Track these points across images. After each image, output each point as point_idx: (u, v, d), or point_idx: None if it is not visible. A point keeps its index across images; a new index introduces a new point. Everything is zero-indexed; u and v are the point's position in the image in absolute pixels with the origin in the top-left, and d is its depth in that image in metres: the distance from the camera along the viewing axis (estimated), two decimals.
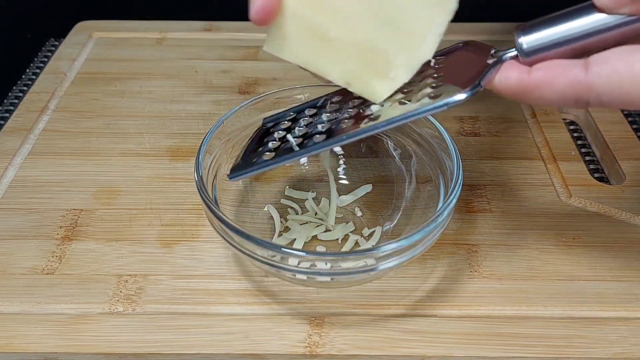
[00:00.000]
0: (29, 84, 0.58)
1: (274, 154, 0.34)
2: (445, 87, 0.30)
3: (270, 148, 0.34)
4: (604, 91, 0.27)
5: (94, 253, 0.40)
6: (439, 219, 0.34)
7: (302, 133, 0.34)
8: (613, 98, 0.27)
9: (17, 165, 0.48)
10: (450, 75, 0.31)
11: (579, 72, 0.27)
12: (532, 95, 0.28)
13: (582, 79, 0.27)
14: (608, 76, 0.27)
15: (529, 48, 0.29)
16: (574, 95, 0.27)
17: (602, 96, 0.27)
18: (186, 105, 0.54)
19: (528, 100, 0.29)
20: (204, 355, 0.35)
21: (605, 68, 0.27)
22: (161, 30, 0.65)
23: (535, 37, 0.28)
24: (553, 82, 0.28)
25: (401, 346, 0.35)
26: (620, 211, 0.43)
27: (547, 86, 0.28)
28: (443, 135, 0.39)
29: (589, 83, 0.27)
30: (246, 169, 0.34)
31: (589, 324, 0.36)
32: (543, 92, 0.28)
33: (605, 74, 0.27)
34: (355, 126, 0.32)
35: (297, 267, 0.33)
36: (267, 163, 0.33)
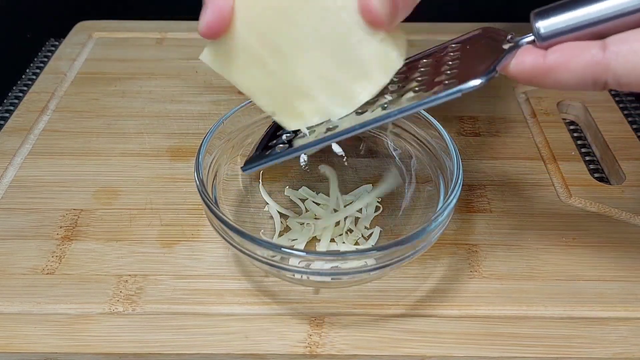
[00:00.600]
0: (29, 84, 0.58)
1: (288, 145, 0.34)
2: (461, 73, 0.30)
3: (284, 140, 0.34)
4: (623, 72, 0.26)
5: (94, 253, 0.40)
6: (439, 219, 0.34)
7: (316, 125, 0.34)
8: (632, 79, 0.26)
9: (17, 165, 0.48)
10: (465, 62, 0.31)
11: (597, 52, 0.27)
12: (549, 79, 0.28)
13: (600, 59, 0.26)
14: (626, 56, 0.26)
15: (547, 33, 0.28)
16: (592, 76, 0.27)
17: (620, 77, 0.26)
18: (186, 105, 0.54)
19: (544, 84, 0.28)
20: (204, 355, 0.35)
21: (624, 48, 0.26)
22: (161, 30, 0.65)
23: (553, 21, 0.28)
24: (569, 63, 0.27)
25: (401, 346, 0.35)
26: (620, 211, 0.43)
27: (563, 68, 0.27)
28: (443, 135, 0.39)
29: (606, 63, 0.26)
30: (260, 161, 0.34)
31: (589, 324, 0.36)
32: (559, 74, 0.27)
33: (623, 54, 0.26)
34: (369, 115, 0.31)
35: (297, 267, 0.33)
36: (280, 154, 0.33)
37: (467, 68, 0.30)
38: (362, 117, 0.32)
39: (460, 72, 0.30)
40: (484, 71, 0.29)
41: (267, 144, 0.35)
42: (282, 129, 0.35)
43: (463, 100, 0.56)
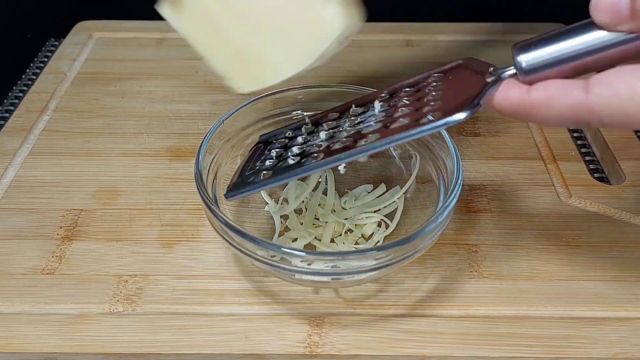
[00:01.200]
0: (29, 84, 0.58)
1: (271, 172, 0.34)
2: (445, 105, 0.30)
3: (268, 167, 0.35)
4: (605, 113, 0.26)
5: (94, 253, 0.40)
6: (439, 219, 0.34)
7: (300, 151, 0.34)
8: (614, 120, 0.27)
9: (17, 165, 0.48)
10: (449, 94, 0.31)
11: (580, 94, 0.27)
12: (532, 115, 0.28)
13: (583, 100, 0.27)
14: (609, 98, 0.26)
15: (528, 66, 0.28)
16: (574, 116, 0.27)
17: (603, 118, 0.27)
18: (186, 105, 0.54)
19: (528, 120, 0.29)
20: (204, 355, 0.35)
21: (606, 90, 0.26)
22: (161, 30, 0.65)
23: (534, 55, 0.28)
24: (553, 103, 0.27)
25: (401, 346, 0.35)
26: (620, 211, 0.43)
27: (546, 107, 0.28)
28: (443, 135, 0.39)
29: (589, 105, 0.27)
30: (243, 188, 0.34)
31: (589, 324, 0.36)
32: (543, 112, 0.28)
33: (606, 96, 0.26)
34: (354, 145, 0.32)
35: (297, 267, 0.33)
36: (264, 183, 0.34)
37: (450, 100, 0.30)
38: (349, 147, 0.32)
39: (445, 103, 0.30)
40: (469, 105, 0.29)
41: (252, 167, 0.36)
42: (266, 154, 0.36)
43: None
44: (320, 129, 0.35)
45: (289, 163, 0.34)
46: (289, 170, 0.33)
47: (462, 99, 0.29)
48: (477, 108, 0.29)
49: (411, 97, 0.33)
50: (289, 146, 0.36)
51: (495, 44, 0.58)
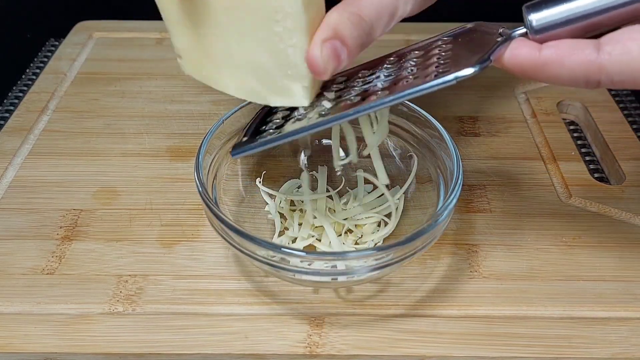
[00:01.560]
0: (29, 84, 0.58)
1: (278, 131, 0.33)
2: (454, 63, 0.30)
3: (273, 126, 0.34)
4: (615, 71, 0.27)
5: (94, 253, 0.40)
6: (439, 219, 0.34)
7: (306, 111, 0.33)
8: (624, 78, 0.27)
9: (17, 165, 0.48)
10: (458, 53, 0.31)
11: (591, 52, 0.27)
12: (542, 73, 0.28)
13: (594, 59, 0.27)
14: (619, 56, 0.26)
15: (539, 25, 0.28)
16: (585, 75, 0.27)
17: (613, 76, 0.27)
18: (186, 105, 0.54)
19: (538, 78, 0.29)
20: (204, 355, 0.35)
21: (617, 48, 0.27)
22: (161, 30, 0.65)
23: (546, 14, 0.28)
24: (564, 60, 0.27)
25: (401, 346, 0.35)
26: (620, 211, 0.43)
27: (557, 64, 0.28)
28: (443, 135, 0.39)
29: (600, 63, 0.27)
30: (249, 145, 0.34)
31: (589, 324, 0.36)
32: (553, 70, 0.28)
33: (616, 54, 0.27)
34: (361, 103, 0.31)
35: (297, 267, 0.33)
36: (271, 139, 0.33)
37: (460, 58, 0.30)
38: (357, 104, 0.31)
39: (454, 61, 0.30)
40: (478, 60, 0.29)
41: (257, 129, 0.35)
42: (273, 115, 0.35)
43: (463, 100, 0.56)
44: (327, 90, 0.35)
45: (297, 121, 0.33)
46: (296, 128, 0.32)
47: (472, 57, 0.29)
48: (486, 63, 0.28)
49: (420, 59, 0.33)
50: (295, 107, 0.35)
51: None
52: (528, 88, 0.56)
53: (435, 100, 0.54)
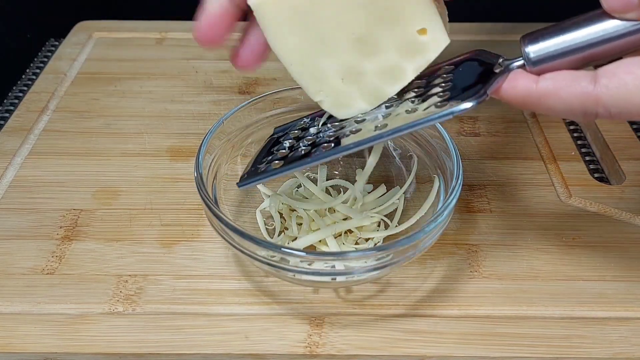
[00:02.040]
0: (29, 84, 0.58)
1: (283, 162, 0.34)
2: (452, 95, 0.30)
3: (279, 157, 0.35)
4: (612, 104, 0.27)
5: (94, 253, 0.40)
6: (439, 219, 0.34)
7: (310, 142, 0.35)
8: (622, 110, 0.27)
9: (17, 165, 0.48)
10: (457, 84, 0.31)
11: (587, 84, 0.27)
12: (539, 105, 0.28)
13: (591, 91, 0.27)
14: (616, 89, 0.26)
15: (536, 57, 0.28)
16: (582, 107, 0.27)
17: (610, 109, 0.27)
18: (186, 105, 0.54)
19: (535, 110, 0.29)
20: (204, 355, 0.35)
21: (614, 81, 0.27)
22: (161, 30, 0.65)
23: (543, 46, 0.28)
24: (560, 93, 0.28)
25: (401, 346, 0.35)
26: (620, 211, 0.43)
27: (554, 97, 0.28)
28: (443, 135, 0.39)
29: (597, 96, 0.27)
30: (255, 177, 0.35)
31: (589, 324, 0.36)
32: (550, 102, 0.28)
33: (613, 87, 0.27)
34: (363, 135, 0.32)
35: (297, 267, 0.33)
36: (275, 171, 0.34)
37: (458, 90, 0.31)
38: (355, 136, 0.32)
39: (452, 94, 0.31)
40: (475, 94, 0.29)
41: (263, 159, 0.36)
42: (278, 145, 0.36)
43: None
44: (332, 120, 0.36)
45: (300, 153, 0.34)
46: (299, 159, 0.33)
47: (470, 89, 0.30)
48: (483, 98, 0.29)
49: (421, 89, 0.33)
50: (301, 137, 0.36)
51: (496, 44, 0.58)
52: None
53: None
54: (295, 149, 0.35)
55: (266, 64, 0.34)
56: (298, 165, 0.33)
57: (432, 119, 0.30)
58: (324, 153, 0.33)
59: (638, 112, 0.27)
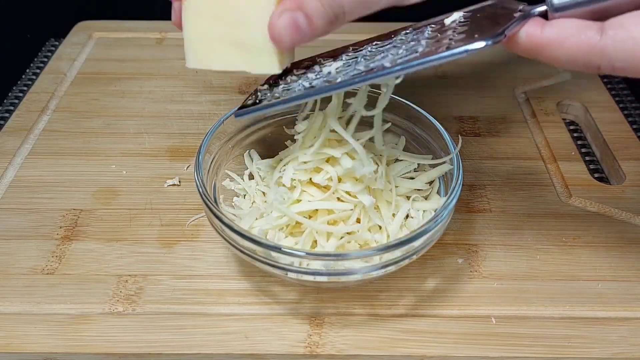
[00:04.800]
0: (29, 84, 0.58)
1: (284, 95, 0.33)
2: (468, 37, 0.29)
3: (280, 91, 0.34)
4: (617, 57, 0.26)
5: (94, 253, 0.40)
6: (439, 219, 0.34)
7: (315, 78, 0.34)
8: (626, 64, 0.26)
9: (17, 165, 0.48)
10: (474, 28, 0.30)
11: (594, 34, 0.26)
12: (543, 53, 0.27)
13: (596, 42, 0.26)
14: (622, 41, 0.25)
15: (560, 3, 0.27)
16: (585, 58, 0.26)
17: (614, 62, 0.26)
18: (186, 105, 0.54)
19: (539, 58, 0.28)
20: (204, 355, 0.35)
21: (621, 32, 0.26)
22: (161, 30, 0.65)
23: None
24: (565, 42, 0.27)
25: (401, 346, 0.35)
26: (620, 211, 0.43)
27: (558, 45, 0.27)
28: (443, 135, 0.39)
29: (602, 47, 0.26)
30: (254, 107, 0.34)
31: (589, 324, 0.36)
32: (553, 51, 0.27)
33: (619, 39, 0.26)
34: (370, 72, 0.31)
35: (297, 267, 0.33)
36: (275, 103, 0.33)
37: (474, 32, 0.30)
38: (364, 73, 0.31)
39: (467, 35, 0.30)
40: (491, 35, 0.28)
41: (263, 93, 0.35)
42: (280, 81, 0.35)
43: (463, 100, 0.56)
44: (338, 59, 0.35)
45: (303, 87, 0.33)
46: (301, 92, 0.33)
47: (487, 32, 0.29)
48: (500, 38, 0.28)
49: (435, 32, 0.32)
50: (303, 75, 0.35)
51: None
52: (528, 88, 0.56)
53: (436, 101, 0.54)
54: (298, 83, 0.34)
55: None
56: (298, 98, 0.32)
57: (444, 56, 0.29)
58: (328, 86, 0.31)
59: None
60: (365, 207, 0.36)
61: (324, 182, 0.36)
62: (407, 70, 0.30)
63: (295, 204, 0.36)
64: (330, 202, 0.36)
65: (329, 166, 0.36)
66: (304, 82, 0.34)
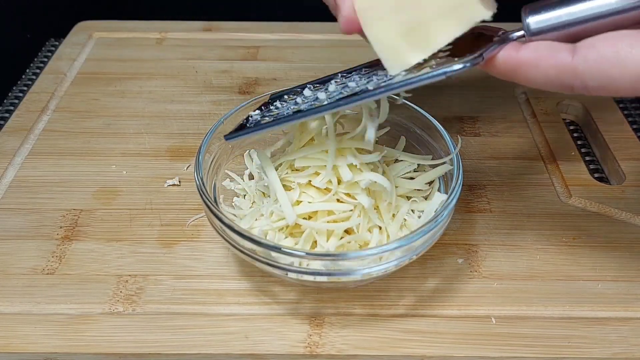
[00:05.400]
0: (29, 84, 0.58)
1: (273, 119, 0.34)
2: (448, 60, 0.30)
3: (270, 115, 0.35)
4: (590, 77, 0.26)
5: (94, 253, 0.40)
6: (439, 219, 0.34)
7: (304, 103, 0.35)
8: (598, 84, 0.26)
9: (17, 165, 0.48)
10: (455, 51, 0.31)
11: (566, 55, 0.27)
12: (519, 75, 0.28)
13: (568, 63, 0.26)
14: (594, 62, 0.26)
15: (536, 28, 0.28)
16: (558, 78, 0.27)
17: (587, 82, 0.26)
18: (186, 105, 0.54)
19: (516, 80, 0.29)
20: (204, 355, 0.35)
21: (592, 53, 0.26)
22: (161, 30, 0.65)
23: (544, 17, 0.28)
24: (539, 63, 0.27)
25: (401, 346, 0.35)
26: (620, 211, 0.43)
27: (532, 66, 0.27)
28: (443, 135, 0.39)
29: (574, 68, 0.26)
30: (243, 131, 0.35)
31: (589, 324, 0.36)
32: (528, 72, 0.28)
33: (591, 59, 0.26)
34: (354, 95, 0.32)
35: (297, 267, 0.33)
36: (264, 125, 0.34)
37: (455, 55, 0.30)
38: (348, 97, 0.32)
39: (448, 58, 0.30)
40: (469, 59, 0.29)
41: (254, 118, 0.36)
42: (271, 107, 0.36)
43: (463, 100, 0.56)
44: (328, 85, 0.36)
45: (291, 111, 0.34)
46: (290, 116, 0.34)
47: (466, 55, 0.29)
48: (478, 61, 0.29)
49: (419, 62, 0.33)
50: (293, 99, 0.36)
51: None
52: (528, 88, 0.56)
53: (436, 101, 0.54)
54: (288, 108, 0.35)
55: (266, 64, 0.34)
56: (286, 120, 0.33)
57: (424, 78, 0.30)
58: (313, 110, 0.33)
59: (616, 88, 0.26)
60: (365, 207, 0.36)
61: (323, 185, 0.36)
62: (388, 92, 0.31)
63: (295, 206, 0.36)
64: (330, 203, 0.36)
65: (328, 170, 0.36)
66: (293, 107, 0.35)
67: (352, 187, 0.36)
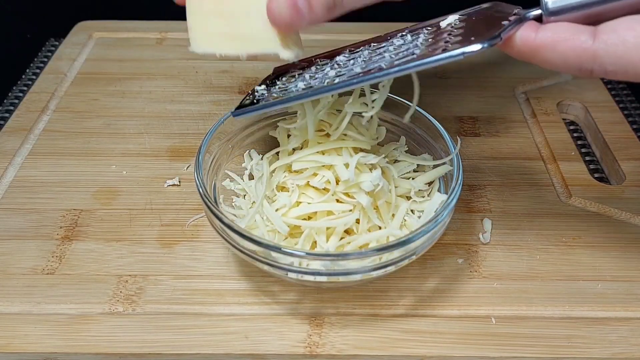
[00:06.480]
0: (29, 84, 0.58)
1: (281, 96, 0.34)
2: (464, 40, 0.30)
3: (277, 91, 0.34)
4: (609, 60, 0.26)
5: (94, 253, 0.40)
6: (439, 219, 0.34)
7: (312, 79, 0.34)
8: (618, 68, 0.26)
9: (17, 165, 0.48)
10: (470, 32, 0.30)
11: (586, 38, 0.26)
12: (537, 56, 0.28)
13: (588, 47, 0.26)
14: (615, 45, 0.26)
15: (555, 7, 0.28)
16: (578, 61, 0.27)
17: (606, 65, 0.26)
18: (186, 105, 0.54)
19: (533, 61, 0.28)
20: (204, 355, 0.35)
21: (613, 37, 0.26)
22: (161, 30, 0.65)
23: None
24: (558, 45, 0.27)
25: (401, 346, 0.35)
26: (620, 211, 0.43)
27: (551, 48, 0.27)
28: (443, 135, 0.39)
29: (594, 51, 0.26)
30: (252, 107, 0.34)
31: (589, 324, 0.36)
32: (547, 54, 0.27)
33: (612, 43, 0.26)
34: (367, 73, 0.31)
35: (297, 267, 0.33)
36: (272, 103, 0.33)
37: (470, 36, 0.30)
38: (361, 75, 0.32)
39: (464, 38, 0.30)
40: (488, 37, 0.28)
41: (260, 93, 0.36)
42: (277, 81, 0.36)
43: (463, 100, 0.56)
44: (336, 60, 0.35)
45: (300, 88, 0.33)
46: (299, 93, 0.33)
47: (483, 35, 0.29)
48: (496, 41, 0.28)
49: (431, 35, 0.32)
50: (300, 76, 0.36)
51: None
52: (528, 88, 0.56)
53: (436, 100, 0.54)
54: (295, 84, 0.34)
55: (266, 64, 0.34)
56: (297, 98, 0.33)
57: (442, 58, 0.29)
58: (326, 87, 0.32)
59: (635, 72, 0.26)
60: (364, 207, 0.36)
61: (322, 185, 0.36)
62: (404, 72, 0.30)
63: (294, 208, 0.36)
64: (329, 203, 0.36)
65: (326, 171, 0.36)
66: (301, 83, 0.34)
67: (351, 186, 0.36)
